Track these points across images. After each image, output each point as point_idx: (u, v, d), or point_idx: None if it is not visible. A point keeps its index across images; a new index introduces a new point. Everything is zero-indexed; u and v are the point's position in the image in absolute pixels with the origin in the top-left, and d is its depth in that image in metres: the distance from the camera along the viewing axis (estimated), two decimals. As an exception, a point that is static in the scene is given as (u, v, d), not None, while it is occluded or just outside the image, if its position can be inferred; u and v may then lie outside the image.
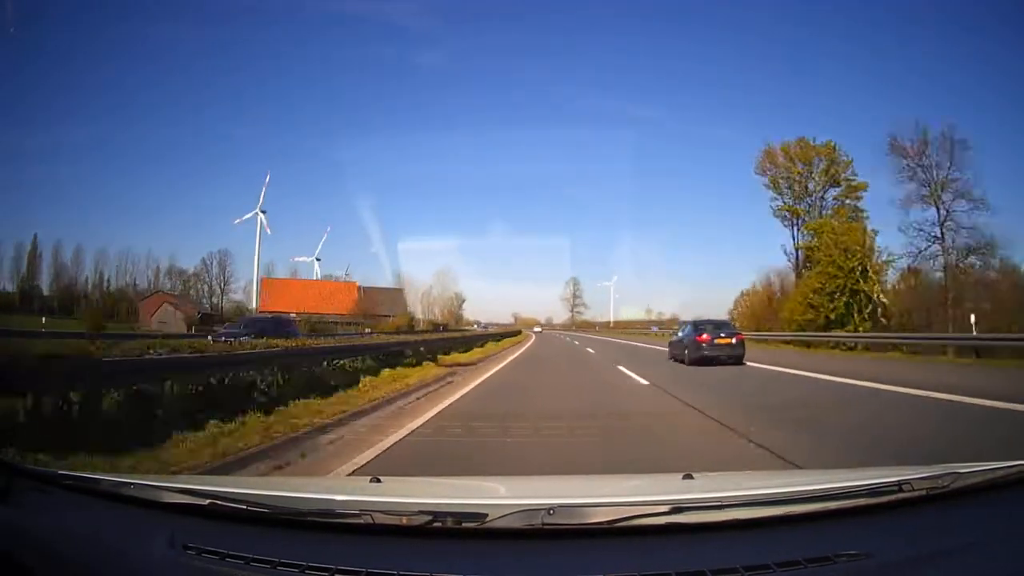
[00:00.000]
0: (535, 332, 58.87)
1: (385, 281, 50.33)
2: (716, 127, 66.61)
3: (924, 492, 1.36)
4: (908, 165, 28.07)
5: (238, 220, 49.82)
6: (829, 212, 31.87)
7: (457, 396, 8.57)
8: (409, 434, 5.50)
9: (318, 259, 53.35)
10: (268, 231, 49.25)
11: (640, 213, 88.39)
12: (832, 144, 32.42)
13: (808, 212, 32.72)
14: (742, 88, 68.91)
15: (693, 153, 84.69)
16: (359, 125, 63.22)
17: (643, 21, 65.35)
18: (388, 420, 6.48)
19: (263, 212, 48.37)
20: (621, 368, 13.30)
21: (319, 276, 53.34)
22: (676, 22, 66.20)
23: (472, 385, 10.16)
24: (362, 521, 1.27)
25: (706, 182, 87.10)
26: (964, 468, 1.45)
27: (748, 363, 13.81)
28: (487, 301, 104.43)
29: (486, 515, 1.25)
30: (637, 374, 11.62)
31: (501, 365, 15.50)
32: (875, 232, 27.63)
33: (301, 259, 54.84)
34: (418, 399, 8.26)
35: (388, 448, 4.86)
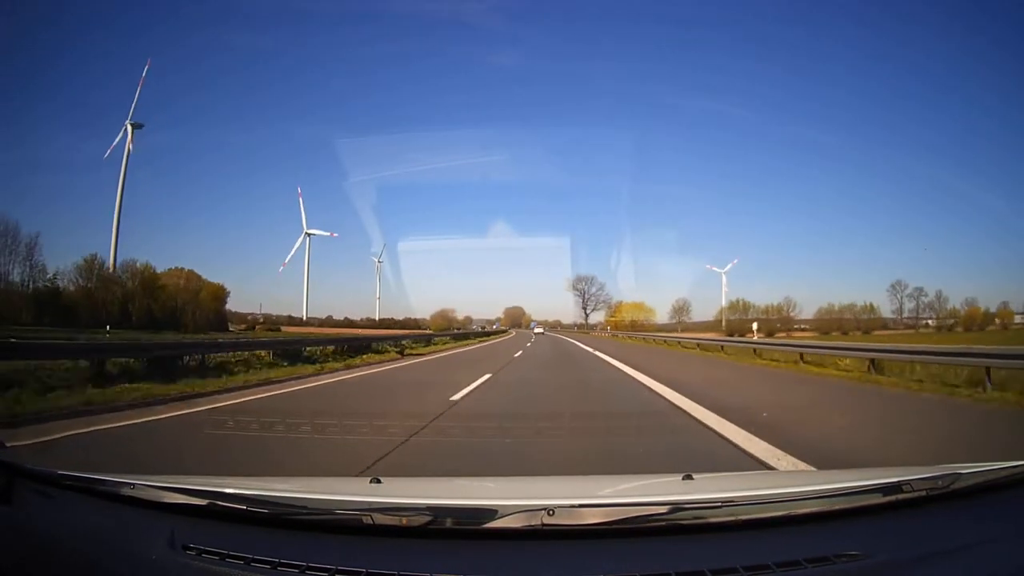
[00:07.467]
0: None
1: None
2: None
3: (924, 492, 1.36)
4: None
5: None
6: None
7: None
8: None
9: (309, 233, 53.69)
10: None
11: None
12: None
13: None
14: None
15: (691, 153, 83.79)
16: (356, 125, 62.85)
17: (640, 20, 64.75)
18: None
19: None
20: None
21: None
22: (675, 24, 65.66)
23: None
24: (362, 521, 1.27)
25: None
26: (964, 469, 1.45)
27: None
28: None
29: (486, 515, 1.25)
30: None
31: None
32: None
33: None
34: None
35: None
